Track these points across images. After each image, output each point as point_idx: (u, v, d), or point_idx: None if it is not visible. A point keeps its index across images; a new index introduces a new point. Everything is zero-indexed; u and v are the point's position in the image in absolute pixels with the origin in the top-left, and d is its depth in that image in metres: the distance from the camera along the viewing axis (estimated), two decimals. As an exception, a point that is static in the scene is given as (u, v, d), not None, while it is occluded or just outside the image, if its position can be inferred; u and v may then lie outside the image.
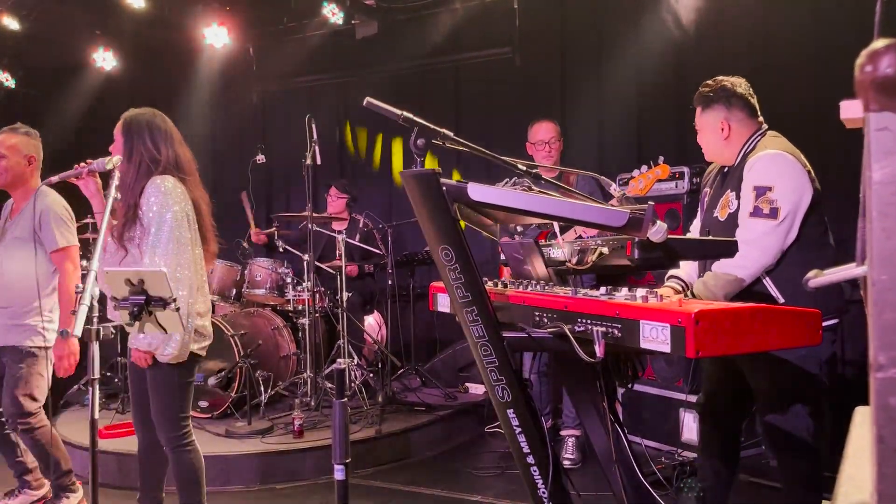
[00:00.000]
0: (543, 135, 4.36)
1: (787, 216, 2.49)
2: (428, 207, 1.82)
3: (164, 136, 2.86)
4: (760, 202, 2.50)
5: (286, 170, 7.26)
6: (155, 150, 2.80)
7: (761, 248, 2.50)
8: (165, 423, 2.80)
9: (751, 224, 2.53)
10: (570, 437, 4.37)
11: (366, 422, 4.61)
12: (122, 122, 2.87)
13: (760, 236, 2.50)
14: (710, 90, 2.77)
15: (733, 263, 2.52)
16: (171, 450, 2.83)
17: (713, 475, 2.93)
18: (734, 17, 5.18)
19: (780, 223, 2.49)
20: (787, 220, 2.50)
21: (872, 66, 0.58)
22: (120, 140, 2.84)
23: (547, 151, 4.32)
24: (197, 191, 2.93)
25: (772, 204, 2.49)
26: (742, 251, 2.50)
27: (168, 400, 2.77)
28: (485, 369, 1.90)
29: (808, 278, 0.87)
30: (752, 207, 2.52)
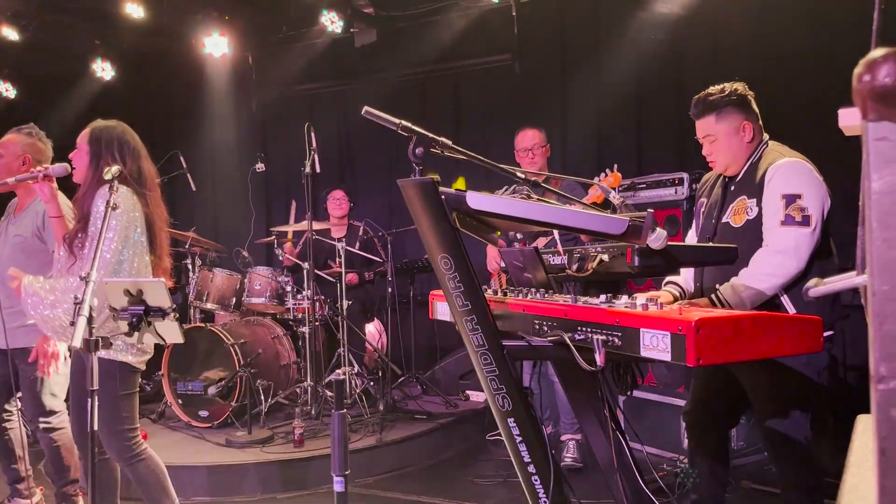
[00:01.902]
0: (526, 142, 4.38)
1: (816, 223, 2.48)
2: (427, 216, 1.82)
3: (131, 151, 2.90)
4: (791, 210, 2.48)
5: (286, 178, 7.27)
6: (120, 162, 2.82)
7: (797, 257, 2.48)
8: (111, 438, 2.79)
9: (783, 233, 2.50)
10: (570, 440, 4.36)
11: (366, 430, 4.59)
12: (90, 132, 2.89)
13: (796, 245, 2.48)
14: (721, 96, 2.71)
15: (767, 271, 2.49)
16: (122, 464, 2.84)
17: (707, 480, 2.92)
18: (730, 25, 5.19)
19: (813, 230, 2.48)
20: (817, 227, 2.49)
21: (870, 76, 0.57)
22: (85, 149, 2.86)
23: (530, 159, 4.35)
24: (156, 207, 2.95)
25: (803, 212, 2.47)
26: (776, 260, 2.49)
27: (110, 414, 2.74)
28: (485, 378, 1.89)
29: (807, 287, 0.86)
30: (784, 216, 2.49)
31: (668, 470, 4.07)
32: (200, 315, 5.52)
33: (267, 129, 7.68)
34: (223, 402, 4.74)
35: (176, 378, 4.89)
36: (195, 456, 4.27)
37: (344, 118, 7.28)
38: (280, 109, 7.51)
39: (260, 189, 7.27)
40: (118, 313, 2.25)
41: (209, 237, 5.84)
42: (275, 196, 7.62)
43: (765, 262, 2.51)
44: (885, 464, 0.58)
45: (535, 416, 1.94)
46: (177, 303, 4.47)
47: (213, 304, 5.30)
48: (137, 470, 2.83)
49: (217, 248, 5.71)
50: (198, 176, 5.74)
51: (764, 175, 2.59)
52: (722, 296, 2.53)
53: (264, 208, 7.45)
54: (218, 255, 5.77)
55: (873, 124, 0.58)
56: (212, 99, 7.42)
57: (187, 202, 7.39)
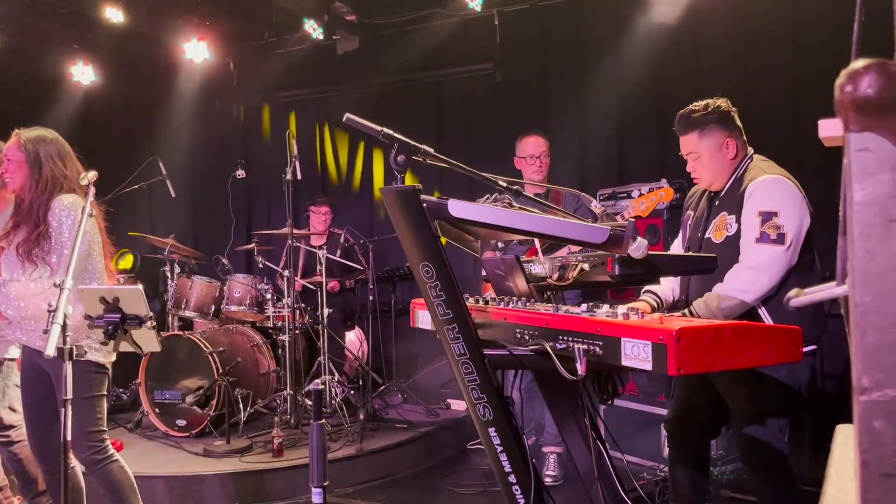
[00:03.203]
0: (534, 149, 4.28)
1: (792, 242, 2.50)
2: (408, 224, 1.81)
3: (67, 157, 2.90)
4: (767, 227, 2.50)
5: (267, 185, 7.23)
6: (64, 168, 2.82)
7: (769, 274, 2.50)
8: (79, 439, 2.74)
9: (758, 249, 2.52)
10: (551, 453, 4.35)
11: (346, 439, 4.56)
12: (22, 141, 2.85)
13: (769, 262, 2.50)
14: (703, 113, 2.71)
15: (738, 287, 2.52)
16: (90, 467, 2.80)
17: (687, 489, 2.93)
18: (711, 38, 5.24)
19: (787, 249, 2.50)
20: (792, 246, 2.51)
21: (853, 86, 0.57)
22: (21, 158, 2.82)
23: (538, 166, 4.25)
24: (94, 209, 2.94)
25: (779, 230, 2.49)
26: (749, 276, 2.51)
27: (78, 416, 2.70)
28: (466, 387, 1.88)
29: (789, 297, 0.86)
30: (759, 233, 2.51)
31: (648, 478, 4.08)
32: (179, 323, 5.46)
33: (248, 136, 7.64)
34: (201, 411, 4.69)
35: (153, 387, 4.83)
36: (172, 465, 4.21)
37: (326, 125, 7.25)
38: (261, 116, 7.47)
39: (240, 196, 7.22)
40: (93, 321, 2.22)
41: (188, 244, 5.80)
42: (255, 203, 7.57)
43: (737, 277, 2.54)
44: (867, 476, 0.58)
45: (516, 425, 1.93)
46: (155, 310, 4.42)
47: (191, 311, 5.25)
48: (106, 474, 2.79)
49: (196, 255, 5.66)
50: (177, 182, 5.68)
51: (745, 191, 2.60)
52: (695, 310, 2.55)
53: (245, 215, 7.40)
54: (197, 263, 5.72)
55: (855, 135, 0.58)
56: (192, 105, 7.36)
57: (166, 209, 7.32)
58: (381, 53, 6.65)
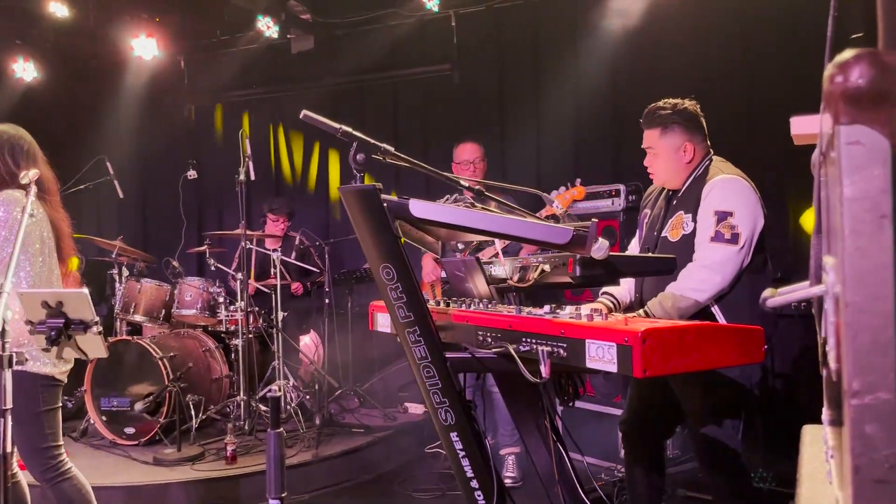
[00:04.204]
0: (468, 155, 4.36)
1: (745, 242, 2.53)
2: (368, 224, 1.76)
3: (25, 154, 2.75)
4: (721, 227, 2.52)
5: (219, 186, 7.07)
6: (14, 165, 2.68)
7: (722, 273, 2.52)
8: (33, 456, 2.64)
9: (711, 249, 2.54)
10: (509, 455, 4.34)
11: (302, 445, 4.48)
12: None
13: (722, 261, 2.52)
14: (669, 111, 2.73)
15: (691, 286, 2.53)
16: (45, 484, 2.68)
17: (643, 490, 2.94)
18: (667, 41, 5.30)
19: (741, 249, 2.52)
20: (745, 246, 2.53)
21: (843, 77, 0.55)
22: None
23: (471, 172, 4.33)
24: (57, 212, 2.82)
25: (733, 230, 2.51)
26: (702, 275, 2.53)
27: (32, 431, 2.60)
28: (427, 391, 1.84)
29: (764, 298, 0.84)
30: (714, 232, 2.54)
31: (605, 479, 4.09)
32: (127, 328, 5.29)
33: (199, 136, 7.46)
34: (151, 419, 4.55)
35: (100, 394, 4.66)
36: (120, 475, 4.07)
37: (280, 125, 7.13)
38: (213, 115, 7.31)
39: (192, 197, 7.05)
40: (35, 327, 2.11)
41: (137, 246, 5.62)
42: (207, 205, 7.41)
43: (691, 277, 2.56)
44: (859, 483, 0.55)
45: (479, 429, 1.90)
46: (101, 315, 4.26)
47: (140, 316, 5.10)
48: (62, 490, 2.67)
49: (145, 257, 5.49)
50: (125, 183, 5.52)
51: (702, 190, 2.63)
52: (650, 310, 2.55)
53: (196, 217, 7.22)
54: (146, 265, 5.55)
55: (845, 128, 0.56)
56: (141, 103, 7.15)
57: (114, 210, 7.11)
58: (336, 53, 6.57)
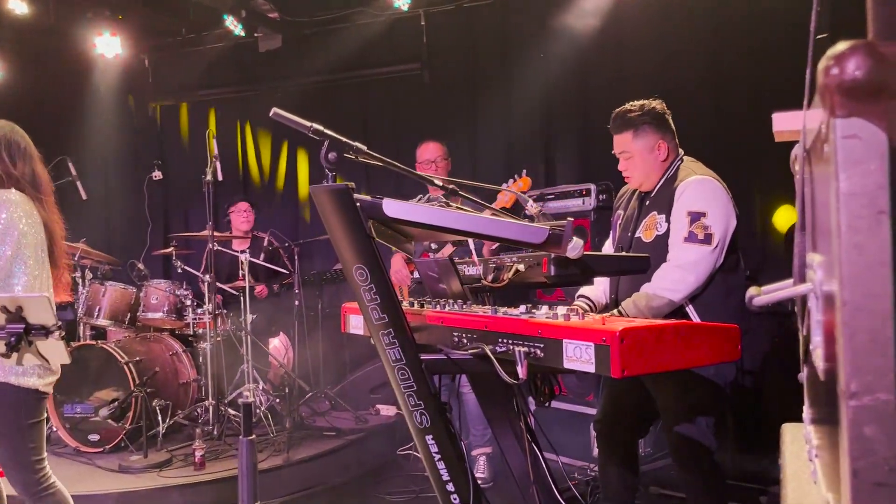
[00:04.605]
0: (429, 154, 4.33)
1: (719, 242, 2.55)
2: (341, 225, 1.73)
3: (22, 153, 2.66)
4: (695, 228, 2.54)
5: (185, 187, 6.96)
6: (10, 164, 2.59)
7: (696, 273, 2.54)
8: (17, 471, 2.55)
9: (685, 249, 2.55)
10: (481, 455, 4.33)
11: (272, 449, 4.41)
12: None
13: (695, 261, 2.54)
14: (639, 114, 2.73)
15: (666, 286, 2.54)
16: (29, 499, 2.59)
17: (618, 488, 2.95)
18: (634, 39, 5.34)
19: (714, 249, 2.54)
20: (718, 246, 2.55)
21: (839, 69, 0.53)
22: None
23: (433, 171, 4.30)
24: (52, 214, 2.71)
25: (706, 230, 2.53)
26: (676, 275, 2.54)
27: (15, 445, 2.52)
28: (402, 394, 1.81)
29: (751, 297, 0.83)
30: (687, 233, 2.55)
31: (579, 479, 4.10)
32: (91, 332, 5.17)
33: (165, 136, 7.33)
34: (116, 425, 4.44)
35: (62, 400, 4.53)
36: (85, 483, 3.96)
37: (248, 124, 7.04)
38: (179, 115, 7.19)
39: (157, 198, 6.92)
40: (-7, 333, 2.03)
41: (101, 249, 5.49)
42: (173, 206, 7.28)
43: (665, 277, 2.57)
44: (858, 486, 0.54)
45: (454, 432, 1.87)
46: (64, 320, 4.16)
47: (104, 320, 4.98)
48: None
49: (110, 260, 5.37)
50: (89, 184, 5.38)
51: (675, 191, 2.64)
52: (624, 310, 2.56)
53: (162, 218, 7.09)
54: (110, 268, 5.43)
55: (842, 121, 0.54)
56: (104, 102, 7.01)
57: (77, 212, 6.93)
58: (305, 52, 6.50)
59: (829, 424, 0.78)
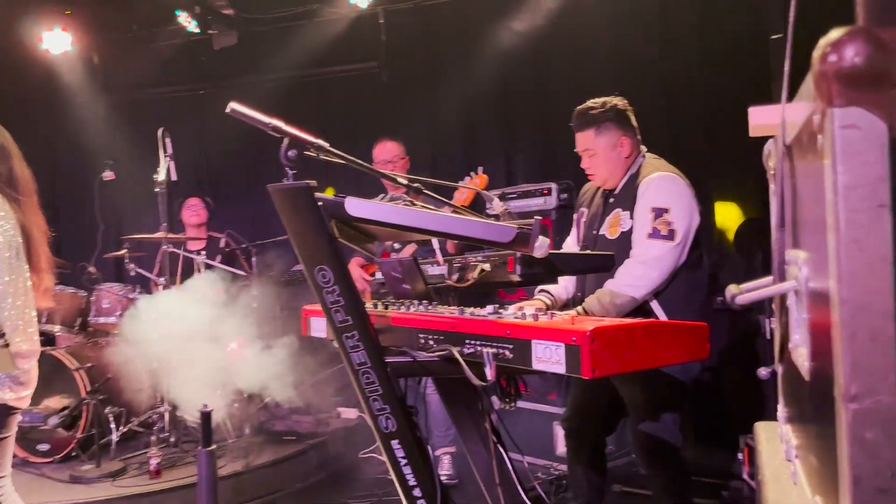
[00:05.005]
0: (386, 154, 4.27)
1: (682, 238, 2.55)
2: (301, 225, 1.67)
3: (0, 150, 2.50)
4: (658, 224, 2.54)
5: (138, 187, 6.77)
6: None
7: (659, 269, 2.55)
8: None
9: (649, 245, 2.56)
10: (445, 454, 4.30)
11: (231, 455, 4.31)
12: None
13: (658, 257, 2.54)
14: (601, 111, 2.73)
15: (629, 282, 2.54)
16: None
17: (586, 486, 2.94)
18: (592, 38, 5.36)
19: (677, 245, 2.55)
20: (681, 242, 2.55)
21: (837, 56, 0.51)
22: None
23: (391, 171, 4.24)
24: (33, 216, 2.57)
25: (669, 226, 2.54)
26: (639, 271, 2.54)
27: None
28: (366, 399, 1.76)
29: (733, 295, 0.81)
30: (651, 229, 2.56)
31: (542, 478, 4.09)
32: (40, 338, 4.97)
33: (116, 135, 7.10)
34: (67, 433, 4.29)
35: (10, 409, 4.36)
36: (34, 495, 3.80)
37: (202, 123, 6.89)
38: (131, 113, 6.98)
39: (109, 199, 6.69)
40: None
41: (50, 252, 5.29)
42: (126, 207, 7.08)
43: (628, 273, 2.57)
44: (860, 493, 0.51)
45: (421, 436, 1.83)
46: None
47: (54, 325, 4.81)
48: None
49: (59, 263, 5.14)
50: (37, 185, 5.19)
51: (638, 187, 2.64)
52: (588, 307, 2.55)
53: (114, 220, 6.88)
54: (60, 272, 5.23)
55: (840, 111, 0.52)
56: (52, 100, 6.78)
57: (23, 213, 6.70)
58: (261, 50, 6.38)
59: (812, 424, 0.76)
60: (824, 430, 0.68)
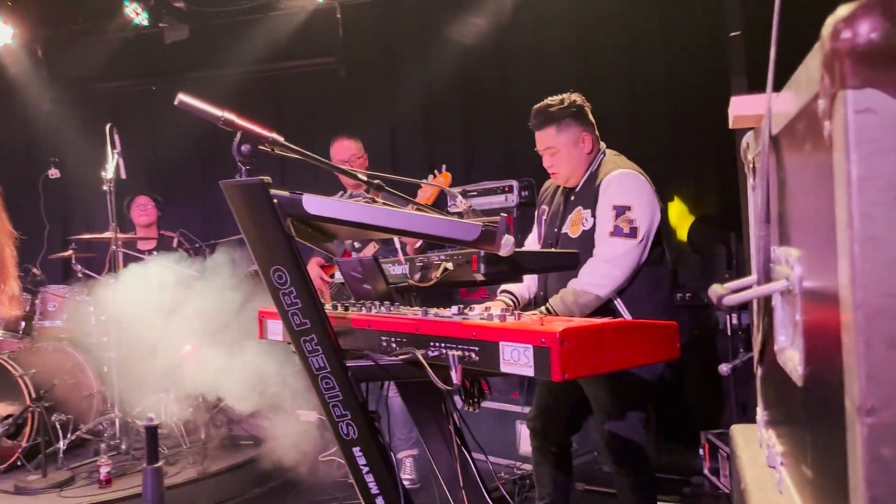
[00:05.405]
0: (342, 154, 4.14)
1: (644, 235, 2.53)
2: (256, 223, 1.59)
3: None
4: (620, 222, 2.52)
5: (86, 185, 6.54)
6: None
7: (622, 267, 2.53)
8: None
9: (611, 243, 2.53)
10: (406, 457, 4.23)
11: (186, 461, 4.18)
12: None
13: (622, 255, 2.52)
14: (560, 108, 2.68)
15: (593, 281, 2.51)
16: None
17: (552, 486, 2.91)
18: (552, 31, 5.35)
19: (640, 242, 2.53)
20: (644, 240, 2.53)
21: (851, 32, 0.46)
22: None
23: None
24: None
25: (631, 223, 2.52)
26: (603, 269, 2.51)
27: None
28: (326, 404, 1.68)
29: (720, 296, 0.76)
30: (613, 227, 2.53)
31: (506, 478, 4.05)
32: (-20, 344, 4.77)
33: (62, 131, 6.85)
34: (11, 443, 4.11)
35: (-51, 419, 4.17)
36: (-25, 509, 3.65)
37: (153, 119, 6.69)
38: (77, 109, 6.74)
39: (54, 198, 6.47)
40: None
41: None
42: (72, 206, 6.85)
43: (592, 271, 2.54)
44: (878, 516, 0.46)
45: (383, 442, 1.76)
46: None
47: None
48: None
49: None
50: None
51: (600, 185, 2.61)
52: (552, 307, 2.51)
53: (60, 219, 6.65)
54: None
55: (854, 93, 0.46)
56: (-6, 96, 6.52)
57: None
58: (214, 44, 6.22)
59: (805, 432, 0.72)
60: (822, 440, 0.64)
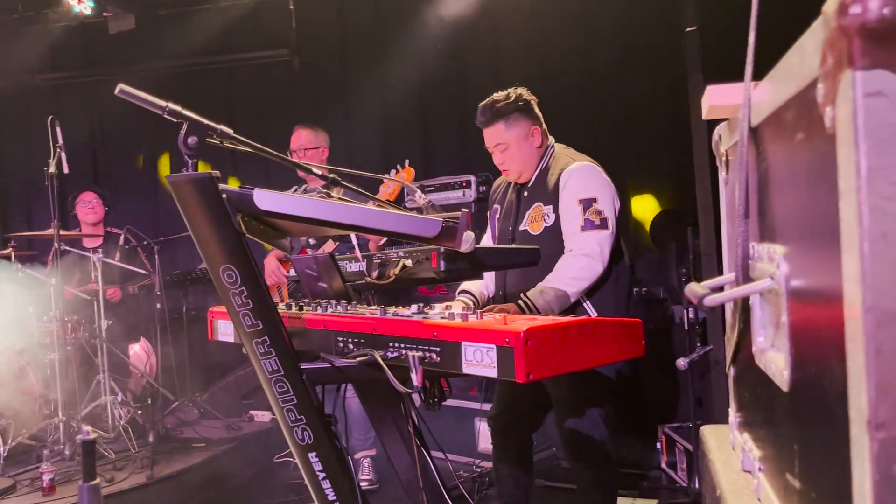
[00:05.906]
0: (300, 143, 4.07)
1: (612, 225, 2.52)
2: (204, 219, 1.50)
3: None
4: (589, 214, 2.50)
5: (26, 180, 6.29)
6: None
7: (602, 259, 2.51)
8: None
9: (585, 237, 2.51)
10: (364, 458, 4.16)
11: (134, 466, 4.02)
12: None
13: (599, 248, 2.50)
14: (507, 102, 2.63)
15: (574, 276, 2.49)
16: None
17: (512, 485, 2.88)
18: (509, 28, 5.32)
19: (612, 233, 2.53)
20: (613, 229, 2.52)
21: (861, 6, 0.41)
22: None
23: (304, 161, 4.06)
24: None
25: (600, 215, 2.50)
26: (582, 263, 2.48)
27: None
28: (280, 408, 1.61)
29: (700, 296, 0.72)
30: (583, 221, 2.51)
31: (465, 476, 4.02)
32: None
33: (1, 124, 6.60)
34: (-54, 451, 3.91)
35: None
36: None
37: (97, 112, 6.46)
38: (16, 101, 6.48)
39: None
40: None
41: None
42: (12, 202, 6.59)
43: (572, 266, 2.51)
44: (890, 540, 0.42)
45: (341, 447, 1.70)
46: None
47: (-71, 332, 4.38)
48: None
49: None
50: None
51: (558, 181, 2.57)
52: (530, 300, 2.46)
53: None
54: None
55: (863, 74, 0.42)
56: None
57: None
58: (162, 35, 6.03)
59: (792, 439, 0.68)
60: (814, 451, 0.60)
